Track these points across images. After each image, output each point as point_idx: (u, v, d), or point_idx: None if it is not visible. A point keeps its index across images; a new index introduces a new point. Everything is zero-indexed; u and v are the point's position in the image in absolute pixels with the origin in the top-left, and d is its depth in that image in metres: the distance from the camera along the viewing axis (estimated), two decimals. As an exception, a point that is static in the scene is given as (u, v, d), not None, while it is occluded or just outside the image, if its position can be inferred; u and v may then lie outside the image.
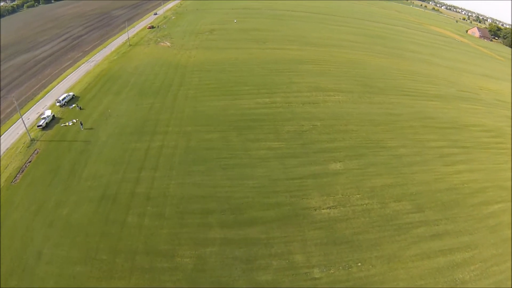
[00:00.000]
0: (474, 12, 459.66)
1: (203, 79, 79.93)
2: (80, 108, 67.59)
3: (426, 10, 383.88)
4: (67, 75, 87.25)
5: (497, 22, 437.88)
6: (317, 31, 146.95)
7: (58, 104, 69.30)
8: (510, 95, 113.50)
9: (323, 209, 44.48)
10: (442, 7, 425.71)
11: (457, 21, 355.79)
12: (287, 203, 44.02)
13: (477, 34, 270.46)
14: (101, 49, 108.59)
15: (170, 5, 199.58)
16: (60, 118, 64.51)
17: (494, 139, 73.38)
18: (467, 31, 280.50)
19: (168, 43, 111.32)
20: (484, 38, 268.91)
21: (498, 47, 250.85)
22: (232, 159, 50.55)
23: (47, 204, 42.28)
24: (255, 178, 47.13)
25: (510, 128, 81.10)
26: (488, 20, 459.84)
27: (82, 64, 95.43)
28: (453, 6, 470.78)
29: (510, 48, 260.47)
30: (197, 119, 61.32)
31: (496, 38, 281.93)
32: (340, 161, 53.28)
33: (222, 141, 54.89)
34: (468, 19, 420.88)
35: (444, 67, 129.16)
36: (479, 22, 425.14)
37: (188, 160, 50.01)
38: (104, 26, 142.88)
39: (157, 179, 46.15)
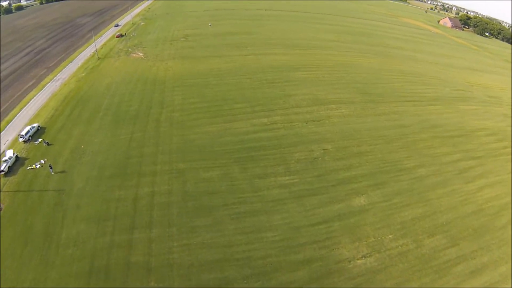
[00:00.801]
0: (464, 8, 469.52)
1: (186, 96, 70.86)
2: (48, 144, 57.04)
3: (394, 1, 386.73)
4: (31, 99, 75.58)
5: (462, 11, 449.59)
6: (298, 31, 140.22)
7: (21, 139, 58.31)
8: (499, 89, 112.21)
9: (357, 259, 37.71)
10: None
11: (426, 11, 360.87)
12: (318, 258, 36.74)
13: (449, 24, 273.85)
14: (67, 64, 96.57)
15: (137, 9, 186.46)
16: (25, 159, 53.86)
17: (501, 144, 70.15)
18: (438, 22, 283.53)
19: (141, 54, 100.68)
20: (456, 28, 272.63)
21: (470, 36, 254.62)
22: (241, 205, 42.42)
23: (18, 291, 32.66)
24: (274, 229, 39.38)
25: (510, 128, 78.45)
26: (453, 8, 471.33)
27: (47, 83, 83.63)
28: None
29: (481, 37, 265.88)
30: (188, 152, 52.52)
31: (466, 27, 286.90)
32: (363, 194, 46.63)
33: (225, 181, 46.58)
34: (436, 8, 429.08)
35: (430, 63, 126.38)
36: (446, 11, 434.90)
37: (189, 210, 41.39)
38: (68, 36, 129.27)
39: (155, 241, 37.34)
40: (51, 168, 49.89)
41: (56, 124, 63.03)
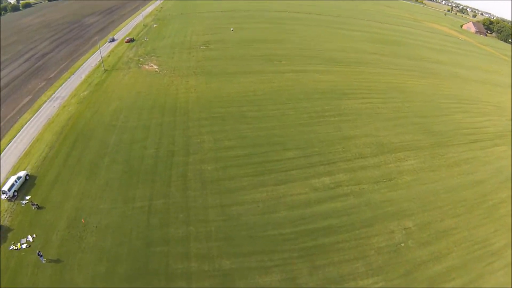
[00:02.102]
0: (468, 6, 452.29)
1: (219, 136, 55.68)
2: (38, 207, 42.45)
3: (412, 3, 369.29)
4: (23, 125, 61.01)
5: (477, 12, 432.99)
6: (328, 38, 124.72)
7: (4, 196, 43.76)
8: None
9: None
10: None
11: (445, 14, 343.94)
12: None
13: (473, 29, 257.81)
14: (69, 76, 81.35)
15: (149, 9, 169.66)
16: (9, 229, 39.52)
17: None
18: (461, 26, 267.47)
19: (155, 66, 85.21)
20: (479, 33, 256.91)
21: (494, 42, 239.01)
22: None
23: None
24: None
25: None
26: (468, 9, 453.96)
27: (44, 103, 68.91)
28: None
29: (505, 43, 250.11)
30: (234, 238, 37.78)
31: (490, 32, 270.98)
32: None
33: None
34: (452, 10, 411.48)
35: (476, 82, 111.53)
36: (463, 13, 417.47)
37: None
38: (74, 39, 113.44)
39: None
40: (41, 256, 35.28)
41: (49, 172, 48.16)
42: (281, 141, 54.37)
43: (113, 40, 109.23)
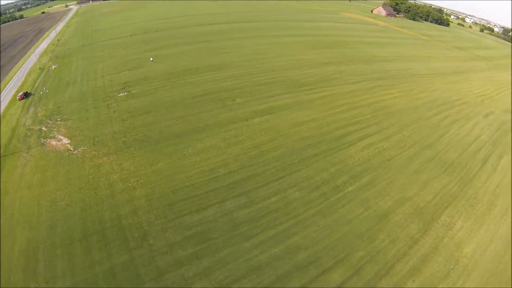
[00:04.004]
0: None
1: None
2: None
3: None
4: None
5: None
6: (270, 52, 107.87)
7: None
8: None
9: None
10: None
11: (350, 0, 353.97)
12: None
13: (384, 13, 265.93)
14: None
15: (43, 44, 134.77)
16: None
17: None
18: (372, 11, 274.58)
19: (65, 139, 58.39)
20: (390, 16, 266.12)
21: (407, 23, 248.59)
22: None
23: None
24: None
25: None
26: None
27: None
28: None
29: (414, 21, 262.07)
30: None
31: (397, 13, 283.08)
32: None
33: None
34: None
35: (431, 76, 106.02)
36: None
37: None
38: None
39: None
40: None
41: None
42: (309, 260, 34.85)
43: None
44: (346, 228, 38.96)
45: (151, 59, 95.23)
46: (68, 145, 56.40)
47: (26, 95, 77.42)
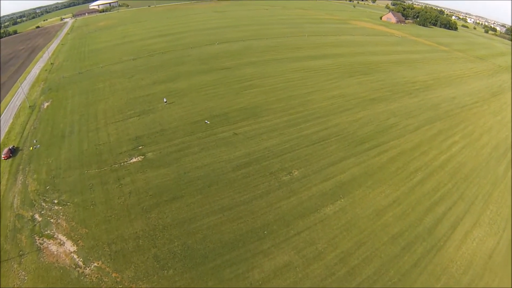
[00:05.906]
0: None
1: None
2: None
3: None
4: None
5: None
6: (304, 83, 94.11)
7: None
8: None
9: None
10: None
11: (354, 6, 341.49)
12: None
13: (393, 19, 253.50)
14: None
15: (35, 69, 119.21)
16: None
17: None
18: (381, 18, 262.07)
19: (68, 243, 43.30)
20: (400, 22, 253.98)
21: (415, 29, 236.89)
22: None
23: None
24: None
25: None
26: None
27: None
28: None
29: (424, 28, 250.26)
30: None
31: (406, 18, 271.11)
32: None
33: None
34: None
35: (493, 116, 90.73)
36: (363, 0, 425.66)
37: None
38: None
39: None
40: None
41: None
42: None
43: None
44: None
45: (165, 100, 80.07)
46: (75, 256, 41.45)
47: (12, 152, 62.48)
